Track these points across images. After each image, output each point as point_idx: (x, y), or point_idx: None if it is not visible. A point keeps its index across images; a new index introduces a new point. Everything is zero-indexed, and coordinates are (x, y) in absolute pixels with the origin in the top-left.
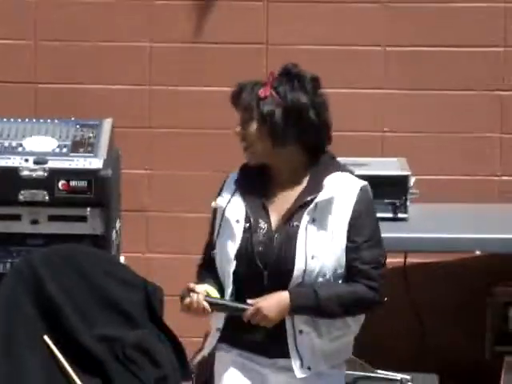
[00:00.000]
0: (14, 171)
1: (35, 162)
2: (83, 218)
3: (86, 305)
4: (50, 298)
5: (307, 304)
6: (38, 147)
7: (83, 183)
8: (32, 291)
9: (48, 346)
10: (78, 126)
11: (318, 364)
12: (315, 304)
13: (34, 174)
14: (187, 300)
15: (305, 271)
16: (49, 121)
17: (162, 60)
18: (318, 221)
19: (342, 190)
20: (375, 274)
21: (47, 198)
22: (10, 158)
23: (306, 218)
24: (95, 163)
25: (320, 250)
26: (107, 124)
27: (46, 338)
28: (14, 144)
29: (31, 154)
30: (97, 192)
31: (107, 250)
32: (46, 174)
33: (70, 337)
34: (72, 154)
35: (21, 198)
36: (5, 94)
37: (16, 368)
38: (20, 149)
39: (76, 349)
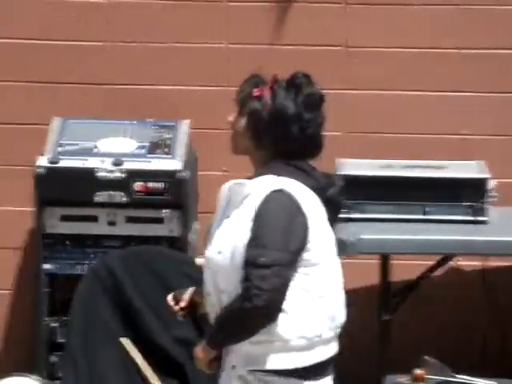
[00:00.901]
0: (90, 172)
1: (112, 164)
2: (160, 220)
3: (162, 306)
4: (127, 300)
5: (213, 339)
6: (115, 148)
7: (160, 185)
8: (109, 292)
9: (125, 347)
10: (155, 128)
11: (240, 364)
12: (212, 340)
13: (111, 176)
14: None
15: (214, 267)
16: (126, 122)
17: (239, 61)
18: (229, 215)
19: (257, 191)
20: (249, 273)
21: (124, 199)
22: (86, 160)
23: (220, 213)
24: (172, 165)
25: (225, 245)
26: (184, 125)
27: (123, 339)
28: (89, 145)
29: (108, 155)
30: (174, 194)
31: (184, 251)
32: (123, 176)
33: (147, 338)
34: (149, 156)
35: (97, 199)
36: (81, 94)
37: (96, 368)
38: (95, 150)
39: (153, 350)
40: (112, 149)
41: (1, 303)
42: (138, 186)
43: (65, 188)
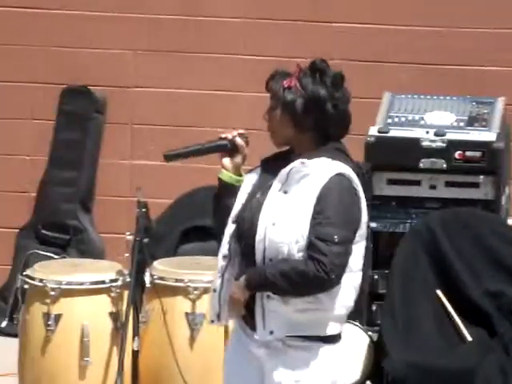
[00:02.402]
0: (415, 142)
1: (435, 134)
2: (476, 185)
3: (476, 263)
4: (444, 256)
5: (258, 283)
6: (438, 121)
7: (477, 153)
8: (428, 249)
9: (439, 299)
10: (474, 103)
11: (280, 330)
12: (263, 282)
13: (434, 145)
14: None
15: (265, 237)
16: (448, 98)
17: None
18: (288, 192)
19: (318, 171)
20: (325, 249)
21: (445, 166)
22: (412, 130)
23: (275, 186)
24: (488, 136)
25: (282, 218)
26: (500, 102)
27: (438, 292)
28: (416, 118)
29: (432, 126)
30: (489, 161)
31: (496, 213)
32: (444, 145)
33: (459, 291)
34: (468, 128)
35: (421, 165)
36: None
37: (412, 315)
38: (422, 122)
39: (464, 302)
40: (435, 121)
41: None
42: (457, 154)
43: (392, 155)
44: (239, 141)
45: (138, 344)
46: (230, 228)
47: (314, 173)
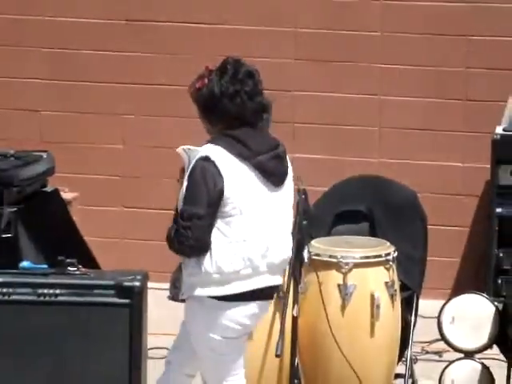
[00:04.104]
0: None
1: None
2: None
3: None
4: None
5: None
6: None
7: None
8: None
9: None
10: None
11: (186, 292)
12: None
13: None
14: None
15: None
16: None
17: None
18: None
19: (196, 156)
20: (175, 223)
21: None
22: None
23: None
24: None
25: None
26: None
27: None
28: None
29: None
30: None
31: None
32: None
33: None
34: None
35: None
36: None
37: None
38: None
39: None
40: None
41: (457, 239)
42: None
43: None
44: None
45: (297, 311)
46: None
47: (192, 157)
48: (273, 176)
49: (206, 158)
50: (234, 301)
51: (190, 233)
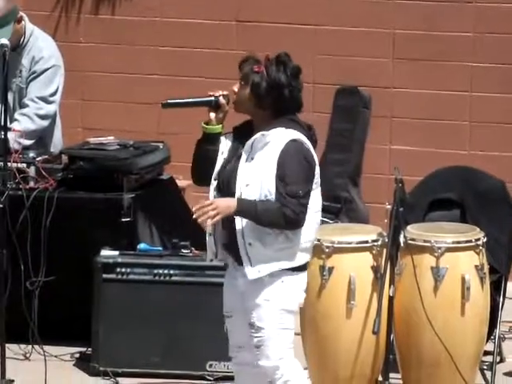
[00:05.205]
0: None
1: None
2: None
3: None
4: None
5: (247, 208)
6: None
7: None
8: None
9: None
10: None
11: (265, 269)
12: (252, 209)
13: None
14: None
15: (241, 195)
16: None
17: None
18: (254, 158)
19: (276, 139)
20: (295, 202)
21: None
22: None
23: (243, 156)
24: None
25: (252, 179)
26: None
27: None
28: None
29: None
30: None
31: None
32: None
33: None
34: None
35: None
36: None
37: None
38: None
39: None
40: None
41: None
42: None
43: None
44: (222, 100)
45: (393, 291)
46: (214, 184)
47: (273, 140)
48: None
49: (297, 140)
50: (303, 270)
51: (305, 208)
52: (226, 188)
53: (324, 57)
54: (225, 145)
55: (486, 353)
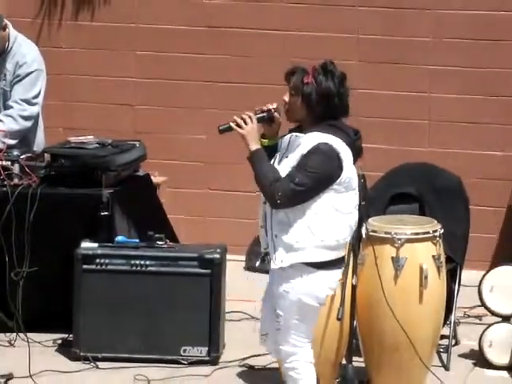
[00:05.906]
0: None
1: None
2: None
3: None
4: None
5: (256, 160)
6: None
7: None
8: None
9: None
10: None
11: (287, 259)
12: (258, 167)
13: None
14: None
15: None
16: None
17: None
18: (288, 156)
19: (308, 141)
20: (285, 183)
21: None
22: None
23: (281, 153)
24: None
25: (282, 174)
26: None
27: None
28: None
29: None
30: None
31: None
32: None
33: None
34: None
35: None
36: None
37: None
38: None
39: None
40: None
41: (496, 218)
42: None
43: None
44: (275, 114)
45: (356, 280)
46: None
47: (305, 142)
48: (359, 156)
49: (327, 144)
50: (326, 268)
51: (291, 195)
52: None
53: (293, 60)
54: (280, 145)
55: (443, 337)
